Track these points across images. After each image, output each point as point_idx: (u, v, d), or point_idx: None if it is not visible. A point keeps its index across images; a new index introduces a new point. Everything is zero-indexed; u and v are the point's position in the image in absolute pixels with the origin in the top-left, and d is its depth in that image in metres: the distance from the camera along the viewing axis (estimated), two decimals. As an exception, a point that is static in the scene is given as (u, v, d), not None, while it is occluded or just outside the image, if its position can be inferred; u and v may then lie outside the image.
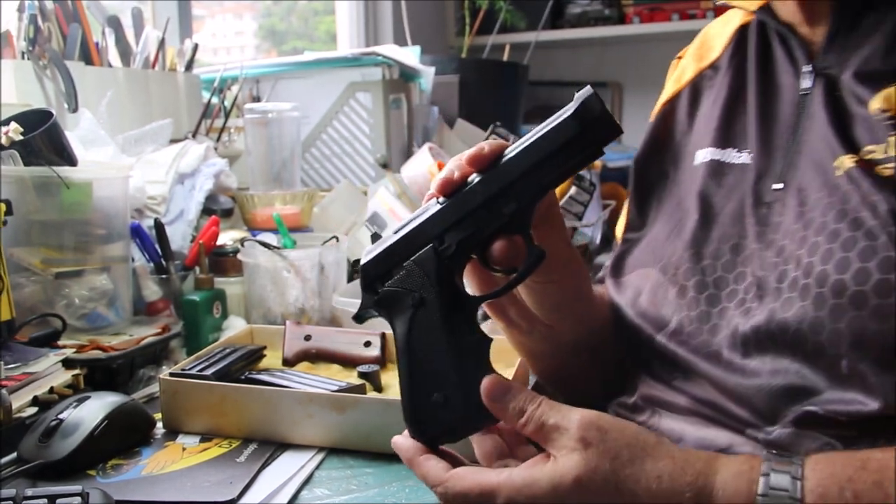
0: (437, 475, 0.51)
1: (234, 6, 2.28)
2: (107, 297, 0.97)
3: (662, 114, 0.76)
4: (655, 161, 0.75)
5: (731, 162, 0.66)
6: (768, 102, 0.65)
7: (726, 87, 0.69)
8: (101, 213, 0.98)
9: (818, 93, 0.60)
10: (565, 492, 0.48)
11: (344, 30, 2.34)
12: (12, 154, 0.91)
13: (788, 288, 0.55)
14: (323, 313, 1.09)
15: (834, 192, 0.55)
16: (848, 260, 0.52)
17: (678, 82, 0.76)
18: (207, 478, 0.68)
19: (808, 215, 0.56)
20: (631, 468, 0.48)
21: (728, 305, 0.61)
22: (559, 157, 0.53)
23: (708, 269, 0.63)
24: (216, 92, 1.51)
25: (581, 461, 0.48)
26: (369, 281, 0.57)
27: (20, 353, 0.82)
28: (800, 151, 0.60)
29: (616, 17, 2.49)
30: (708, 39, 0.76)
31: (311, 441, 0.74)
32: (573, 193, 1.47)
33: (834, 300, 0.52)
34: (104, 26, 1.35)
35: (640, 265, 0.70)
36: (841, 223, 0.54)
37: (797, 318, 0.54)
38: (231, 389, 0.76)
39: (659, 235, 0.70)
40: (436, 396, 0.53)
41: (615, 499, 0.47)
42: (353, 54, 1.68)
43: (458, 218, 0.54)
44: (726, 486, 0.47)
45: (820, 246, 0.54)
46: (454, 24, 2.58)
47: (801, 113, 0.61)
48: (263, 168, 1.42)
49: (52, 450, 0.69)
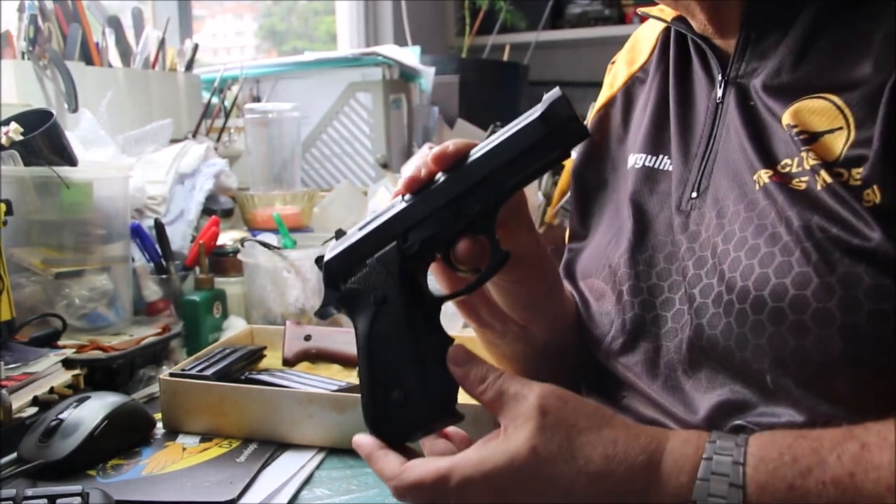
0: (391, 469, 0.51)
1: (234, 6, 2.28)
2: (107, 297, 0.97)
3: (598, 119, 0.75)
4: (593, 167, 0.74)
5: (662, 169, 0.66)
6: (686, 111, 0.65)
7: (654, 92, 0.69)
8: (101, 214, 0.98)
9: (731, 102, 0.60)
10: (522, 462, 0.47)
11: (344, 30, 2.34)
12: (12, 154, 0.91)
13: (713, 303, 0.56)
14: (323, 313, 1.09)
15: (752, 206, 0.55)
16: (767, 276, 0.52)
17: (611, 87, 0.76)
18: (207, 478, 0.68)
19: (728, 228, 0.56)
20: (588, 436, 0.48)
21: (664, 314, 0.61)
22: (525, 160, 0.52)
23: (642, 275, 0.63)
24: (216, 92, 1.51)
25: (536, 430, 0.48)
26: (332, 277, 0.57)
27: (20, 353, 0.82)
28: (715, 161, 0.60)
29: (616, 17, 2.49)
30: (637, 43, 0.75)
31: (311, 441, 0.74)
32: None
33: (754, 316, 0.52)
34: (104, 26, 1.35)
35: (587, 274, 0.70)
36: (759, 238, 0.54)
37: (725, 334, 0.54)
38: (231, 389, 0.76)
39: (601, 243, 0.69)
40: (395, 395, 0.53)
41: (571, 466, 0.47)
42: (354, 54, 1.69)
43: (423, 217, 0.54)
44: (674, 449, 0.48)
45: (741, 261, 0.54)
46: (454, 24, 2.58)
47: (716, 122, 0.61)
48: (263, 168, 1.42)
49: (52, 450, 0.69)
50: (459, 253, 0.54)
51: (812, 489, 0.45)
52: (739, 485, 0.45)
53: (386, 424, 0.54)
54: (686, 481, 0.47)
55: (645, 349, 0.61)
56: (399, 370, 0.53)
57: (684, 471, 0.47)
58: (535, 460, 0.47)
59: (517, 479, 0.48)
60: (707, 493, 0.46)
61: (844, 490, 0.44)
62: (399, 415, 0.53)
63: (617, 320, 0.63)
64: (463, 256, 0.54)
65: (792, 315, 0.51)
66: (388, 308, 0.54)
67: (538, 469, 0.48)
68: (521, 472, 0.48)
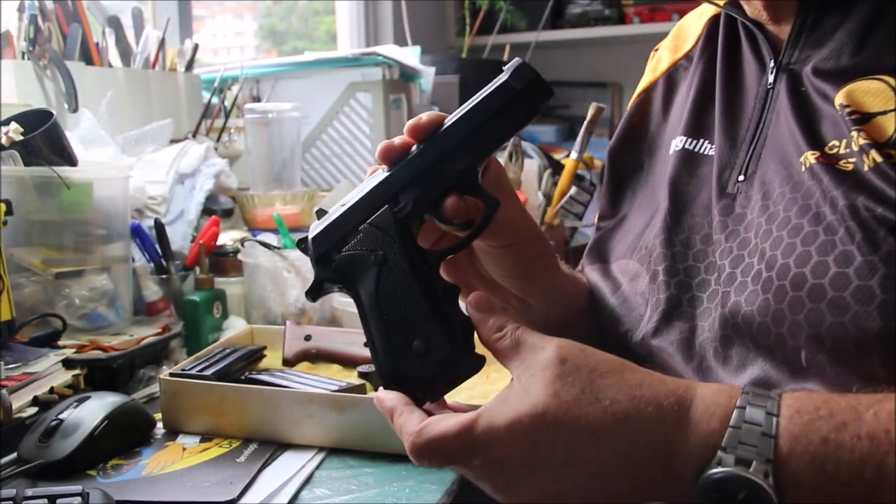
0: (412, 424, 0.49)
1: (234, 6, 2.28)
2: (107, 297, 0.97)
3: (638, 103, 0.77)
4: (630, 151, 0.75)
5: (703, 153, 0.67)
6: (734, 96, 0.66)
7: (698, 77, 0.70)
8: (101, 214, 0.98)
9: (783, 88, 0.61)
10: (545, 408, 0.46)
11: (344, 30, 2.34)
12: (12, 154, 0.91)
13: (752, 281, 0.56)
14: (323, 313, 1.09)
15: (798, 187, 0.56)
16: (809, 254, 0.53)
17: (654, 72, 0.77)
18: (208, 478, 0.68)
19: (772, 209, 0.57)
20: (610, 378, 0.47)
21: (700, 295, 0.61)
22: (498, 120, 0.55)
23: (678, 256, 0.63)
24: (216, 92, 1.51)
25: (556, 376, 0.47)
26: (322, 252, 0.56)
27: (20, 354, 0.82)
28: (764, 145, 0.61)
29: (616, 17, 2.49)
30: (683, 31, 0.76)
31: (311, 441, 0.74)
32: (573, 193, 1.47)
33: (793, 293, 0.53)
34: (104, 26, 1.35)
35: (620, 256, 0.71)
36: (803, 218, 0.54)
37: (762, 310, 0.55)
38: (231, 389, 0.76)
39: (635, 225, 0.70)
40: (416, 344, 0.52)
41: (595, 407, 0.46)
42: (354, 54, 1.68)
43: (410, 179, 0.56)
44: (706, 396, 0.48)
45: (783, 240, 0.55)
46: (454, 25, 2.58)
47: (766, 107, 0.62)
48: (263, 168, 1.42)
49: (52, 450, 0.69)
50: (449, 209, 0.55)
51: (846, 442, 0.44)
52: (772, 434, 0.45)
53: (410, 377, 0.53)
54: (717, 427, 0.46)
55: (680, 329, 0.61)
56: (415, 320, 0.53)
57: (716, 417, 0.46)
58: (559, 405, 0.46)
59: (543, 425, 0.46)
60: (738, 440, 0.45)
61: (879, 445, 0.44)
62: (424, 364, 0.52)
63: (652, 300, 0.64)
64: (453, 211, 0.55)
65: (832, 291, 0.51)
66: (391, 266, 0.54)
67: (562, 414, 0.46)
68: (546, 418, 0.46)
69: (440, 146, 0.56)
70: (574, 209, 1.49)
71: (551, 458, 0.47)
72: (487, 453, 0.47)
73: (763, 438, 0.45)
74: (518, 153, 1.44)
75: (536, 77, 0.56)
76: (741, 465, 0.45)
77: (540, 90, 0.56)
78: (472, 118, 0.56)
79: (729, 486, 0.45)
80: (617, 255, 0.71)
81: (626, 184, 0.74)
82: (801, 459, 0.45)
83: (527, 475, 0.47)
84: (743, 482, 0.44)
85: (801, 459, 0.45)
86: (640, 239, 0.68)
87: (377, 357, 0.54)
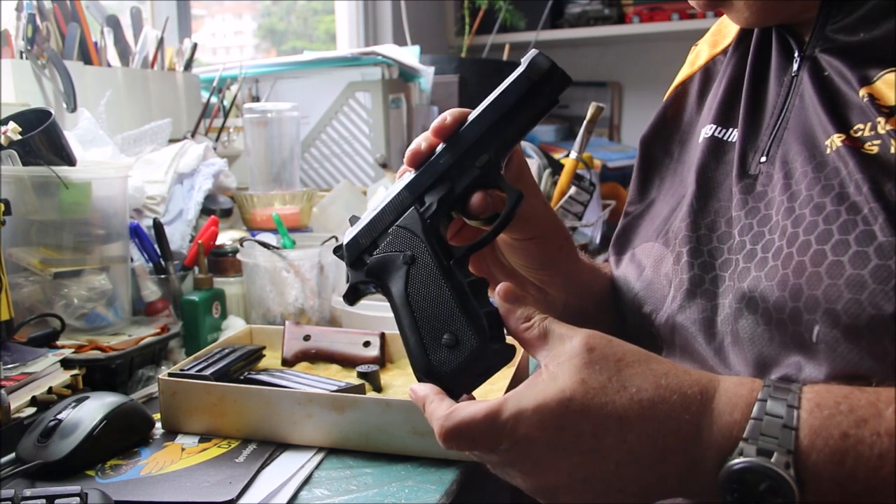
0: (441, 410, 0.50)
1: (233, 6, 2.28)
2: (106, 297, 0.97)
3: (675, 95, 0.79)
4: (662, 140, 0.77)
5: (730, 140, 0.68)
6: (760, 86, 0.67)
7: (730, 70, 0.72)
8: (99, 213, 0.98)
9: (806, 75, 0.62)
10: (572, 394, 0.47)
11: (343, 29, 2.34)
12: (11, 154, 0.91)
13: (772, 256, 0.57)
14: (322, 313, 1.09)
15: (821, 167, 0.57)
16: (830, 232, 0.54)
17: (692, 66, 0.79)
18: (206, 478, 0.67)
19: (794, 188, 0.58)
20: (637, 367, 0.49)
21: (722, 274, 0.62)
22: (518, 111, 0.57)
23: (703, 239, 0.65)
24: (215, 91, 1.51)
25: (583, 364, 0.48)
26: (356, 256, 0.59)
27: (19, 354, 0.82)
28: (786, 128, 0.62)
29: (616, 16, 2.49)
30: (723, 27, 0.78)
31: (310, 441, 0.74)
32: (573, 193, 1.47)
33: (812, 268, 0.54)
34: (103, 26, 1.35)
35: (645, 239, 0.72)
36: (826, 197, 0.55)
37: (780, 285, 0.55)
38: (230, 389, 0.76)
39: (662, 211, 0.72)
40: (446, 338, 0.54)
41: (622, 395, 0.47)
42: (353, 54, 1.68)
43: (434, 180, 0.57)
44: (728, 388, 0.48)
45: (805, 217, 0.56)
46: (454, 24, 2.58)
47: (790, 94, 0.63)
48: (263, 168, 1.42)
49: (50, 450, 0.69)
50: (475, 205, 0.57)
51: (866, 439, 0.45)
52: (793, 427, 0.46)
53: (442, 370, 0.54)
54: (739, 418, 0.47)
55: (702, 307, 0.62)
56: (444, 314, 0.54)
57: (738, 409, 0.47)
58: (586, 392, 0.47)
59: (570, 409, 0.47)
60: (759, 432, 0.46)
61: None
62: (454, 356, 0.54)
63: (675, 280, 0.65)
64: (479, 206, 0.57)
65: (851, 269, 0.52)
66: (419, 264, 0.56)
67: (589, 400, 0.47)
68: (573, 403, 0.47)
69: (461, 144, 0.57)
70: (573, 209, 1.49)
71: (577, 442, 0.47)
72: (514, 435, 0.48)
73: (784, 430, 0.46)
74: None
75: (553, 66, 0.57)
76: (763, 456, 0.45)
77: (558, 79, 0.57)
78: (492, 112, 0.57)
79: (751, 477, 0.45)
80: (642, 238, 0.73)
81: (655, 172, 0.77)
82: (821, 453, 0.45)
83: (553, 459, 0.48)
84: (764, 472, 0.45)
85: (821, 453, 0.45)
86: (666, 223, 0.70)
87: (410, 351, 0.56)
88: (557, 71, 0.57)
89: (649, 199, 0.76)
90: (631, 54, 2.66)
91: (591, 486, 0.48)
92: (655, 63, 2.56)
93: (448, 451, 0.69)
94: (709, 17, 2.35)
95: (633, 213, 0.77)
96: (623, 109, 2.72)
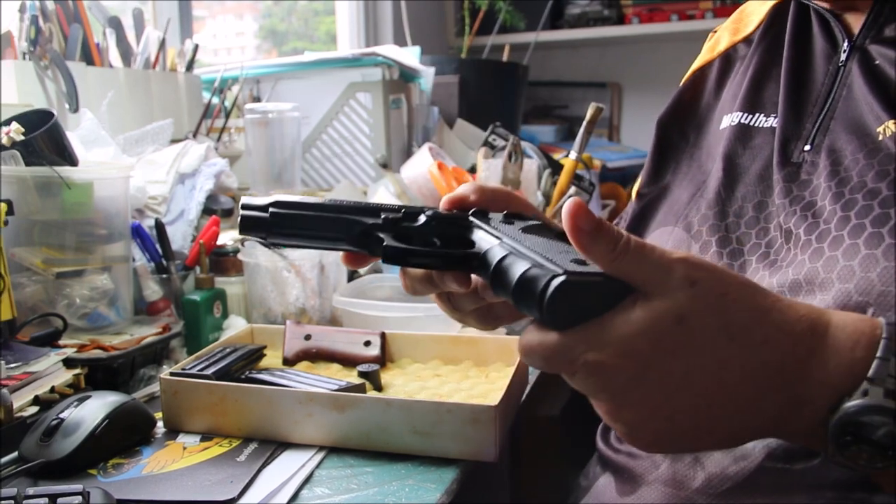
0: (531, 333, 0.44)
1: (234, 7, 2.28)
2: (108, 296, 0.97)
3: (692, 79, 0.79)
4: (678, 123, 0.78)
5: (758, 126, 0.68)
6: (801, 73, 0.67)
7: (758, 57, 0.72)
8: (102, 213, 0.99)
9: (855, 65, 0.62)
10: (665, 332, 0.41)
11: (344, 30, 2.34)
12: (13, 154, 0.91)
13: (817, 239, 0.57)
14: (323, 313, 1.10)
15: (874, 153, 0.57)
16: (888, 216, 0.53)
17: (711, 52, 0.79)
18: (208, 477, 0.68)
19: (843, 174, 0.58)
20: (741, 304, 0.43)
21: (750, 259, 0.62)
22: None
23: (732, 227, 0.65)
24: (217, 92, 1.51)
25: (685, 299, 0.42)
26: None
27: (21, 353, 0.82)
28: (833, 117, 0.62)
29: (615, 17, 2.49)
30: (745, 15, 0.78)
31: (311, 440, 0.74)
32: (573, 194, 1.48)
33: (867, 251, 0.53)
34: (105, 27, 1.35)
35: (661, 224, 0.72)
36: (881, 182, 0.55)
37: (827, 266, 0.54)
38: (231, 389, 0.76)
39: (681, 197, 0.72)
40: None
41: (721, 334, 0.42)
42: (354, 55, 1.69)
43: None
44: (847, 323, 0.44)
45: (857, 202, 0.55)
46: (454, 25, 2.58)
47: (837, 83, 0.63)
48: (264, 168, 1.42)
49: (52, 449, 0.69)
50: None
51: None
52: None
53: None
54: (862, 356, 0.43)
55: None
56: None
57: (860, 345, 0.43)
58: (683, 331, 0.42)
59: (660, 350, 0.42)
60: (888, 373, 0.42)
61: None
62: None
63: None
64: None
65: (890, 238, 0.51)
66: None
67: (687, 340, 0.42)
68: (665, 343, 0.42)
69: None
70: (573, 209, 1.49)
71: (664, 381, 0.42)
72: (591, 363, 0.42)
73: None
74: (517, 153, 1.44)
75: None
76: (890, 399, 0.42)
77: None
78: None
79: (871, 420, 0.42)
80: (658, 223, 0.73)
81: (671, 155, 0.77)
82: None
83: (636, 393, 0.43)
84: (892, 415, 0.42)
85: None
86: (685, 209, 0.70)
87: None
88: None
89: (664, 182, 0.76)
90: (630, 55, 2.66)
91: (677, 423, 0.43)
92: (655, 64, 2.56)
93: (448, 451, 0.70)
94: (708, 18, 2.35)
95: (649, 195, 0.76)
96: (622, 110, 2.72)
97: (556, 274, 0.42)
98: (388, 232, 0.56)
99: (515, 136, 1.50)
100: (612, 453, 0.71)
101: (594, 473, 0.74)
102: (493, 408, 0.69)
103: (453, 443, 0.70)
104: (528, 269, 0.44)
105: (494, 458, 0.70)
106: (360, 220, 0.56)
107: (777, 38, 0.71)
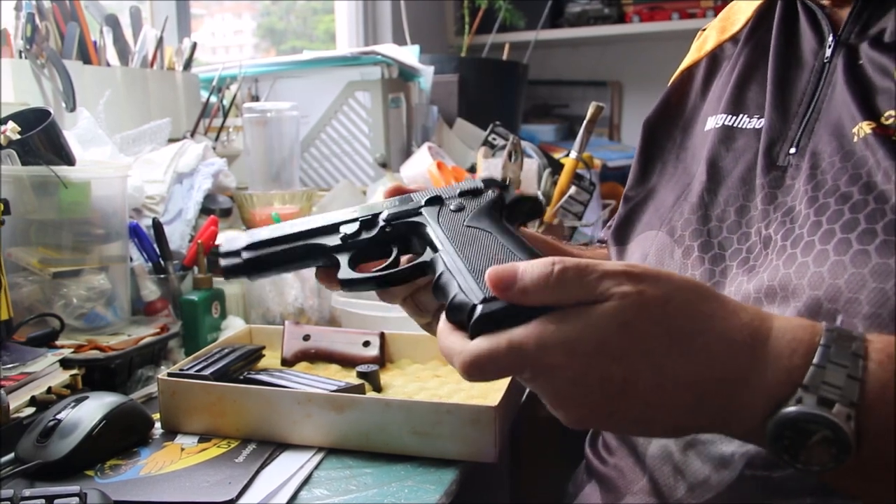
0: (459, 344, 0.45)
1: (232, 5, 2.28)
2: (105, 296, 0.97)
3: (680, 80, 0.78)
4: (664, 123, 0.77)
5: (742, 127, 0.67)
6: (787, 71, 0.66)
7: (744, 57, 0.71)
8: (99, 213, 0.98)
9: (839, 62, 0.61)
10: (607, 338, 0.42)
11: (343, 29, 2.34)
12: (10, 153, 0.91)
13: (791, 245, 0.56)
14: (322, 313, 1.09)
15: (848, 157, 0.56)
16: (856, 221, 0.52)
17: (699, 51, 0.78)
18: (206, 478, 0.67)
19: (819, 178, 0.57)
20: (683, 311, 0.44)
21: (731, 264, 0.62)
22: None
23: (714, 231, 0.64)
24: (215, 91, 1.50)
25: (632, 305, 0.42)
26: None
27: (18, 353, 0.82)
28: (818, 119, 0.61)
29: (616, 16, 2.49)
30: (732, 13, 0.77)
31: (309, 441, 0.73)
32: (573, 193, 1.47)
33: (835, 257, 0.52)
34: (102, 25, 1.35)
35: (647, 227, 0.71)
36: (853, 186, 0.54)
37: (798, 273, 0.54)
38: (230, 389, 0.76)
39: (666, 201, 0.71)
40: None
41: (661, 341, 0.43)
42: (353, 53, 1.68)
43: None
44: (787, 330, 0.44)
45: (829, 207, 0.55)
46: (453, 24, 2.58)
47: (822, 81, 0.62)
48: (262, 167, 1.42)
49: (49, 450, 0.69)
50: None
51: None
52: (858, 378, 0.42)
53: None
54: (799, 364, 0.43)
55: None
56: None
57: (798, 353, 0.43)
58: (623, 337, 0.43)
59: (603, 355, 0.43)
60: (821, 380, 0.42)
61: None
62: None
63: (683, 273, 0.64)
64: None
65: (877, 258, 0.50)
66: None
67: (627, 346, 0.43)
68: (607, 348, 0.43)
69: None
70: (573, 209, 1.49)
71: (604, 385, 0.43)
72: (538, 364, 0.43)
73: (849, 381, 0.42)
74: (517, 152, 1.44)
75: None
76: (823, 406, 0.42)
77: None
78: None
79: (806, 426, 0.42)
80: (644, 225, 0.72)
81: (657, 156, 0.76)
82: (889, 405, 0.42)
83: (577, 394, 0.44)
84: (823, 423, 0.42)
85: (889, 405, 0.42)
86: (670, 212, 0.69)
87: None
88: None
89: (650, 184, 0.75)
90: (631, 53, 2.65)
91: (616, 419, 0.45)
92: (656, 62, 2.55)
93: (448, 452, 0.70)
94: (709, 16, 2.35)
95: (635, 198, 0.75)
96: (623, 109, 2.72)
97: (475, 304, 0.46)
98: (345, 252, 0.62)
99: (515, 136, 1.50)
100: (598, 463, 0.71)
101: (581, 480, 0.74)
102: (492, 408, 0.69)
103: (453, 443, 0.69)
104: (455, 296, 0.48)
105: (494, 458, 0.69)
106: (322, 243, 0.63)
107: (765, 36, 0.70)
